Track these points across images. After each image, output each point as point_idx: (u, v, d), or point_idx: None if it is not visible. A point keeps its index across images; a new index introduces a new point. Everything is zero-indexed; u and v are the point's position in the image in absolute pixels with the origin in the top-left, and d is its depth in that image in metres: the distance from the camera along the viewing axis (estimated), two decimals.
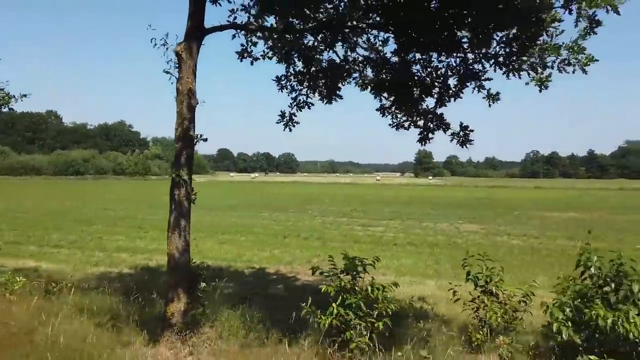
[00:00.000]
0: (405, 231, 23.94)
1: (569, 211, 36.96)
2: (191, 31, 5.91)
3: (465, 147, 7.22)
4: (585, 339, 4.54)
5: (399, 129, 7.16)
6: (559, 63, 6.01)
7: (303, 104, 7.86)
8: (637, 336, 4.21)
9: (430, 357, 4.83)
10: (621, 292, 4.57)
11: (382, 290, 5.29)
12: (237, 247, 17.95)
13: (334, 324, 4.99)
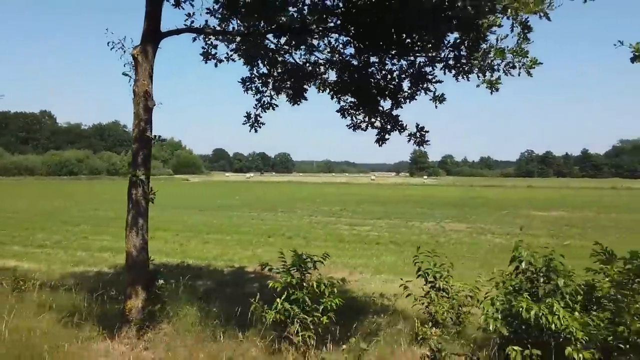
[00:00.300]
0: (391, 230, 24.17)
1: (556, 210, 37.34)
2: (147, 35, 6.07)
3: (422, 147, 7.41)
4: (513, 330, 4.75)
5: (356, 130, 7.36)
6: (504, 66, 6.21)
7: (267, 105, 8.04)
8: (559, 327, 4.41)
9: (368, 350, 5.02)
10: (548, 286, 4.78)
11: (329, 286, 5.47)
12: (221, 246, 18.11)
13: (279, 318, 5.18)
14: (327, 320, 5.28)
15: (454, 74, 6.52)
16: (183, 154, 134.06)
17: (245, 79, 7.99)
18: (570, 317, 4.54)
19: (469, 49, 6.08)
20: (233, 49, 7.75)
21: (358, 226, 25.46)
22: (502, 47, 6.05)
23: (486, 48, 6.13)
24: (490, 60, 6.21)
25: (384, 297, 8.67)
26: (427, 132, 7.35)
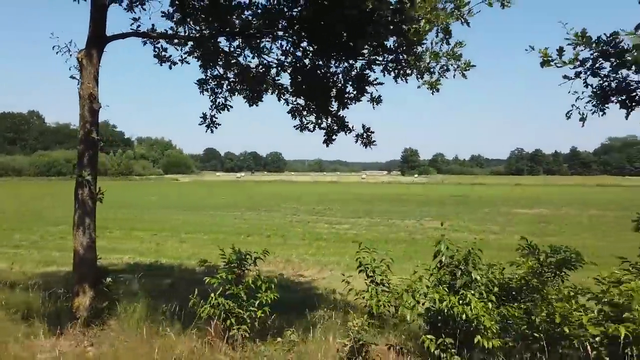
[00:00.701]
0: (370, 228, 24.49)
1: (538, 208, 37.94)
2: (92, 39, 6.23)
3: (369, 148, 7.65)
4: (431, 321, 5.01)
5: (303, 131, 7.58)
6: (439, 69, 6.47)
7: (222, 107, 8.23)
8: (470, 317, 4.67)
9: (296, 341, 5.25)
10: (465, 278, 5.04)
11: (266, 282, 5.69)
12: (197, 246, 18.26)
13: (214, 313, 5.38)
14: (262, 314, 5.48)
15: (394, 76, 6.76)
16: (173, 154, 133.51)
17: (200, 81, 8.18)
18: (483, 307, 4.80)
19: (404, 52, 6.32)
20: (187, 51, 7.92)
21: (338, 225, 25.73)
22: (436, 51, 6.30)
23: (422, 51, 6.37)
24: (426, 63, 6.46)
25: (336, 293, 8.91)
26: (372, 133, 7.61)
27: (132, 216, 28.52)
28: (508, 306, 5.18)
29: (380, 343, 5.19)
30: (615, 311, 4.45)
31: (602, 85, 4.74)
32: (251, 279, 5.58)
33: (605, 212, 34.22)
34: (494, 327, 4.75)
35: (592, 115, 4.81)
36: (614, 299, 4.45)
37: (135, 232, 22.07)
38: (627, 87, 4.55)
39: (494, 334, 4.78)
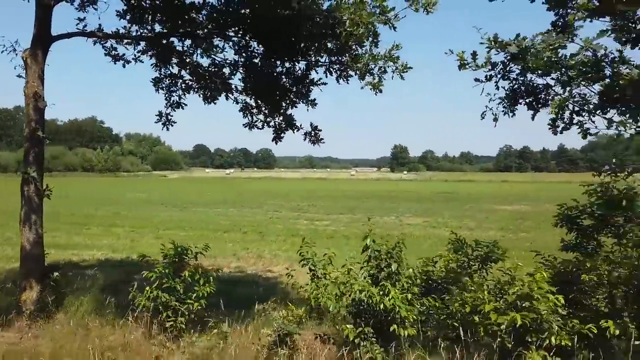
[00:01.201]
0: (348, 225, 24.77)
1: (519, 204, 38.53)
2: (37, 38, 6.36)
3: (317, 145, 7.88)
4: (353, 311, 5.27)
5: (252, 129, 7.78)
6: (377, 70, 6.71)
7: (177, 105, 8.40)
8: (388, 307, 4.93)
9: (229, 332, 5.49)
10: (387, 271, 5.30)
11: (203, 276, 5.91)
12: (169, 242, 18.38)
13: (152, 306, 5.58)
14: (198, 307, 5.70)
15: (336, 77, 6.99)
16: (162, 150, 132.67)
17: (155, 79, 8.34)
18: (401, 297, 5.06)
19: (342, 54, 6.54)
20: (140, 50, 8.06)
21: (318, 221, 25.98)
22: (374, 53, 6.54)
23: (361, 54, 6.60)
24: (365, 65, 6.69)
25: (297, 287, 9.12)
26: (320, 131, 7.83)
27: (113, 213, 28.49)
28: (430, 297, 5.45)
29: (308, 333, 5.42)
30: (518, 301, 4.73)
31: (512, 88, 5.01)
32: (188, 273, 5.77)
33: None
34: (410, 316, 5.01)
35: (503, 116, 5.07)
36: (517, 289, 4.73)
37: (114, 228, 22.10)
38: (533, 90, 4.82)
39: (411, 323, 5.04)
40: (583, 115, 4.82)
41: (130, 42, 7.61)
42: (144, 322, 5.77)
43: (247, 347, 5.09)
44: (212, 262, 14.82)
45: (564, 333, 4.55)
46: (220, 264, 14.62)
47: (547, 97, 4.76)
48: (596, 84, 4.51)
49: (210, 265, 14.41)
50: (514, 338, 4.69)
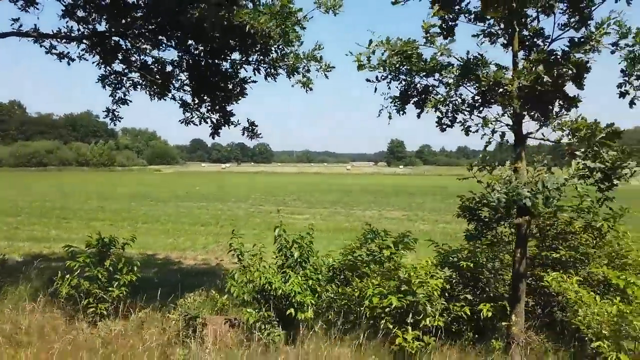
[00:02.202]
0: (327, 218, 25.16)
1: None
2: None
3: (254, 140, 8.23)
4: (256, 296, 5.63)
5: (188, 125, 8.11)
6: (303, 69, 7.03)
7: (122, 101, 8.73)
8: (286, 290, 5.29)
9: (146, 318, 5.86)
10: (291, 259, 5.67)
11: (126, 265, 6.27)
12: (148, 235, 18.73)
13: (73, 293, 5.94)
14: (119, 294, 6.06)
15: (264, 75, 7.32)
16: (158, 144, 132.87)
17: (102, 77, 8.64)
18: (300, 284, 5.42)
19: (263, 54, 6.86)
20: (84, 49, 8.35)
21: (298, 214, 26.35)
22: (298, 53, 6.86)
23: (286, 53, 6.92)
24: (291, 64, 7.01)
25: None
26: (256, 127, 8.17)
27: (97, 207, 28.83)
28: (333, 284, 5.82)
29: (219, 318, 5.78)
30: (401, 285, 5.11)
31: (403, 88, 5.33)
32: (109, 262, 6.12)
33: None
34: (308, 301, 5.38)
35: (397, 115, 5.40)
36: (400, 275, 5.09)
37: (94, 222, 22.43)
38: (419, 91, 5.14)
39: (310, 307, 5.41)
40: (465, 113, 5.15)
41: (69, 41, 7.89)
42: (68, 309, 6.13)
43: (158, 332, 5.45)
44: (179, 254, 15.27)
45: (438, 315, 4.92)
46: (188, 256, 15.04)
47: (430, 97, 5.09)
48: (469, 84, 4.83)
49: (177, 257, 14.90)
50: (396, 320, 5.06)
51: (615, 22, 4.66)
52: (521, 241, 5.00)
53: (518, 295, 4.98)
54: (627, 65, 4.62)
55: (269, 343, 5.28)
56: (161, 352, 5.02)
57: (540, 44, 4.95)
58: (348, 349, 5.21)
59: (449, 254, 5.99)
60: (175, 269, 13.02)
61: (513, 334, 4.92)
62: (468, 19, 5.01)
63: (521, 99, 4.76)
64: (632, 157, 5.03)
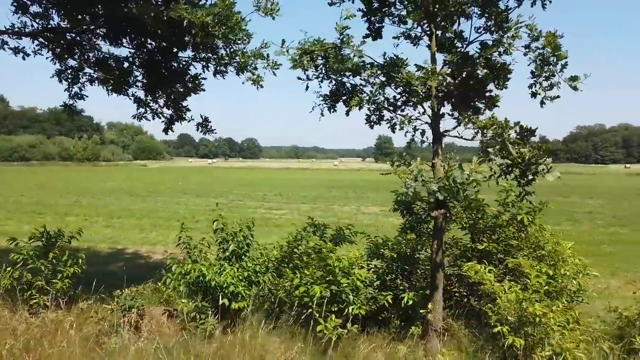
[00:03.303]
0: (304, 213, 25.28)
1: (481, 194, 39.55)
2: None
3: (208, 135, 8.38)
4: (191, 288, 5.83)
5: (141, 120, 8.23)
6: (250, 66, 7.19)
7: (79, 96, 8.80)
8: (219, 282, 5.49)
9: (85, 308, 6.02)
10: (228, 252, 5.88)
11: (70, 257, 6.41)
12: (120, 230, 18.78)
13: (12, 284, 6.07)
14: (63, 285, 6.20)
15: (213, 72, 7.47)
16: (144, 139, 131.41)
17: (58, 71, 8.70)
18: (235, 275, 5.63)
19: (211, 51, 7.01)
20: (38, 44, 8.40)
21: (276, 210, 26.53)
22: (245, 51, 7.01)
23: (235, 50, 7.07)
24: (240, 61, 7.16)
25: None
26: (210, 123, 8.32)
27: (73, 202, 28.65)
28: (270, 275, 6.04)
29: (159, 309, 5.96)
30: (328, 275, 5.34)
31: (334, 87, 5.54)
32: (52, 255, 6.25)
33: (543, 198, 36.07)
34: (242, 291, 5.59)
35: (328, 112, 5.61)
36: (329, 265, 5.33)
37: (68, 217, 22.35)
38: (347, 89, 5.35)
39: (244, 297, 5.62)
40: (391, 111, 5.39)
41: (23, 37, 7.93)
42: (10, 300, 6.25)
43: (94, 322, 5.62)
44: (149, 249, 15.37)
45: (361, 304, 5.17)
46: (157, 250, 15.14)
47: (357, 95, 5.30)
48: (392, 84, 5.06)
49: (147, 251, 15.00)
50: (323, 309, 5.30)
51: (527, 26, 4.91)
52: (437, 233, 5.26)
53: (436, 284, 5.26)
54: (536, 67, 4.89)
55: (204, 332, 5.48)
56: (94, 341, 5.19)
57: (459, 46, 5.19)
58: (279, 337, 5.44)
59: (379, 246, 6.25)
60: (142, 263, 13.14)
61: (430, 320, 5.19)
62: (392, 21, 5.23)
63: (438, 98, 5.00)
64: (549, 154, 5.33)
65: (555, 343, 4.33)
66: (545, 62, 4.82)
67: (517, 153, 4.87)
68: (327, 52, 4.97)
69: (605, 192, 42.18)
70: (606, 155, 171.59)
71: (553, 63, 4.79)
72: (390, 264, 5.99)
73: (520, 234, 6.01)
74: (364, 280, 5.25)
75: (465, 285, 6.00)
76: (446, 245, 6.35)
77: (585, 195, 38.68)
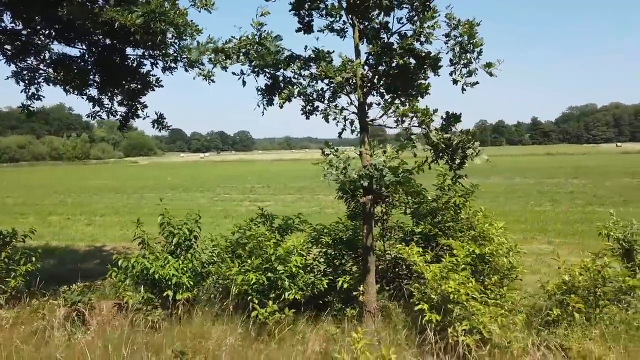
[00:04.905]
0: (289, 205, 25.56)
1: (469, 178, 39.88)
2: None
3: (163, 131, 8.50)
4: (137, 281, 6.02)
5: (94, 118, 8.33)
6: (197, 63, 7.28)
7: (36, 97, 8.87)
8: (163, 274, 5.68)
9: (39, 305, 6.20)
10: (173, 245, 6.06)
11: (24, 256, 6.57)
12: (101, 228, 18.88)
13: None
14: (16, 284, 6.36)
15: (162, 68, 7.58)
16: (134, 136, 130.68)
17: (15, 72, 8.76)
18: (179, 267, 5.81)
19: (157, 48, 7.11)
20: None
21: (260, 202, 26.66)
22: (190, 46, 7.10)
23: (184, 46, 7.16)
24: (189, 57, 7.25)
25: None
26: (165, 119, 8.45)
27: (59, 201, 28.69)
28: (216, 265, 6.22)
29: (110, 302, 6.15)
30: (265, 263, 5.53)
31: (271, 81, 5.66)
32: (5, 254, 6.40)
33: (529, 179, 36.58)
34: (186, 282, 5.77)
35: (267, 106, 5.73)
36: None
37: (51, 217, 22.42)
38: (286, 82, 5.48)
39: (188, 288, 5.82)
40: (323, 102, 5.54)
41: None
42: None
43: (41, 317, 5.80)
44: (128, 245, 15.52)
45: (298, 289, 5.38)
46: (136, 246, 15.32)
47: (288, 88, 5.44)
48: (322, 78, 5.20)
49: (125, 248, 15.15)
50: (263, 295, 5.51)
51: (446, 15, 5.06)
52: (367, 218, 5.46)
53: (368, 267, 5.47)
54: (454, 55, 5.04)
55: (151, 323, 5.69)
56: (40, 337, 5.37)
57: (384, 37, 5.32)
58: (222, 325, 5.66)
59: (320, 232, 6.45)
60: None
61: (364, 302, 5.41)
62: (319, 14, 5.35)
63: (365, 88, 5.15)
64: (476, 138, 5.51)
65: (474, 318, 4.56)
66: (463, 50, 4.97)
67: (439, 139, 5.04)
68: (246, 48, 5.11)
69: (591, 172, 42.62)
70: (598, 135, 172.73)
71: (470, 50, 4.95)
72: (338, 250, 6.22)
73: (456, 216, 6.22)
74: (299, 266, 5.44)
75: (405, 267, 6.22)
76: (391, 229, 6.56)
77: (570, 175, 39.14)
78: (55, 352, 4.66)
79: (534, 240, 14.46)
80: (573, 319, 4.76)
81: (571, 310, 4.79)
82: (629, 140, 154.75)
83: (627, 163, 55.87)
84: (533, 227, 16.53)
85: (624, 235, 5.93)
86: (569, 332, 4.70)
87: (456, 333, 4.48)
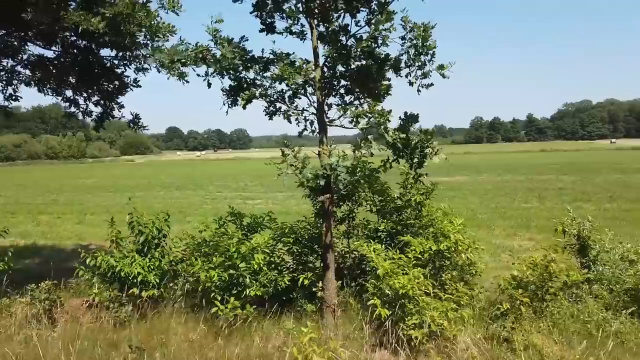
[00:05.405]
0: (280, 203, 25.66)
1: (460, 175, 40.17)
2: None
3: (140, 131, 8.62)
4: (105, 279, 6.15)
5: (70, 119, 8.44)
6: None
7: (14, 98, 8.99)
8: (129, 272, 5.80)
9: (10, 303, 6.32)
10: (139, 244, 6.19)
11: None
12: (90, 226, 18.97)
13: None
14: None
15: (134, 69, 7.69)
16: (130, 134, 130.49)
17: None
18: (146, 264, 5.94)
19: (127, 49, 7.22)
20: None
21: (252, 200, 26.83)
22: (158, 48, 7.21)
23: (156, 47, 7.27)
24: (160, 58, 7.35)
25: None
26: (141, 120, 8.58)
27: (51, 200, 28.75)
28: (184, 263, 6.35)
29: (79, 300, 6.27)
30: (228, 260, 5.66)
31: (235, 82, 5.78)
32: None
33: (519, 176, 36.80)
34: (153, 280, 5.90)
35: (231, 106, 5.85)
36: None
37: (41, 215, 22.50)
38: (250, 84, 5.60)
39: (154, 286, 5.95)
40: (285, 103, 5.66)
41: None
42: None
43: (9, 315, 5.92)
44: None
45: (260, 286, 5.52)
46: None
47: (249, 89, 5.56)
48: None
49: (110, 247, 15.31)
50: (225, 292, 5.65)
51: (402, 18, 5.18)
52: (326, 216, 5.60)
53: (327, 263, 5.61)
54: (408, 58, 5.17)
55: (119, 320, 5.82)
56: (7, 335, 5.49)
57: (342, 40, 5.44)
58: (187, 321, 5.80)
59: (284, 231, 6.59)
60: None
61: (324, 298, 5.55)
62: (280, 16, 5.47)
63: (324, 90, 5.28)
64: (435, 138, 5.64)
65: (425, 313, 4.71)
66: (418, 52, 5.10)
67: (395, 139, 5.17)
68: (202, 54, 5.23)
69: (582, 169, 42.89)
70: (593, 131, 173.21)
71: (424, 53, 5.07)
72: (301, 248, 6.37)
73: (419, 214, 6.36)
74: (261, 264, 5.57)
75: (366, 264, 6.37)
76: (357, 227, 6.70)
77: (560, 172, 39.40)
78: (17, 349, 4.79)
79: (516, 237, 14.64)
80: (520, 312, 4.92)
81: (519, 305, 4.94)
82: (624, 137, 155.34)
83: (619, 159, 56.27)
84: (517, 223, 16.71)
85: (578, 231, 6.09)
86: (515, 325, 4.87)
87: (406, 327, 4.63)
